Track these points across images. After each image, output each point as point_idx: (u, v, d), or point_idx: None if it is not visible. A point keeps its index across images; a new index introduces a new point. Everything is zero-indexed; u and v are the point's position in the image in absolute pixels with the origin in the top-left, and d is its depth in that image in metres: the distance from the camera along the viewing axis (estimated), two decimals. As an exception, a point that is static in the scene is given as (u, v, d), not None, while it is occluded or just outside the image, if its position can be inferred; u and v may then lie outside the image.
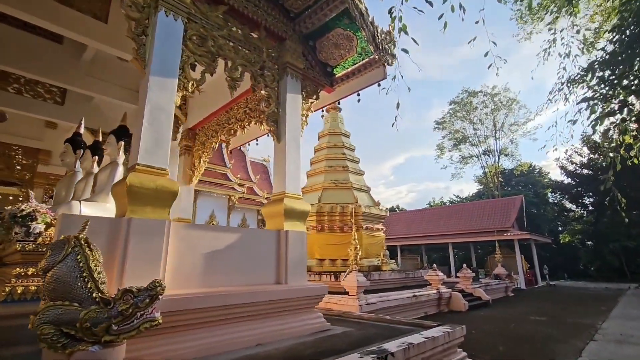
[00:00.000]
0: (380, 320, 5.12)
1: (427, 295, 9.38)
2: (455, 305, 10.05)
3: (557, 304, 11.92)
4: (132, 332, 2.33)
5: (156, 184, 3.28)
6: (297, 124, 5.25)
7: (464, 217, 22.86)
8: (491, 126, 35.51)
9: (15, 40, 7.10)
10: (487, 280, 14.65)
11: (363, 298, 7.24)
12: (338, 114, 16.97)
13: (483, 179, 38.41)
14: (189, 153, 8.14)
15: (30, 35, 7.71)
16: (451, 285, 12.69)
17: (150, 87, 3.57)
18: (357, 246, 8.10)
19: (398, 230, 26.11)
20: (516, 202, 21.60)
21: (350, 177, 15.00)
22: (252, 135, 8.57)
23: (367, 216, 13.91)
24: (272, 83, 5.13)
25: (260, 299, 3.88)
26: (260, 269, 4.27)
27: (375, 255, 13.54)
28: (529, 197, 31.44)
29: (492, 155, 36.50)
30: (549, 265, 27.78)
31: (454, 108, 36.95)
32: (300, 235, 4.70)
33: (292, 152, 5.03)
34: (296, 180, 5.01)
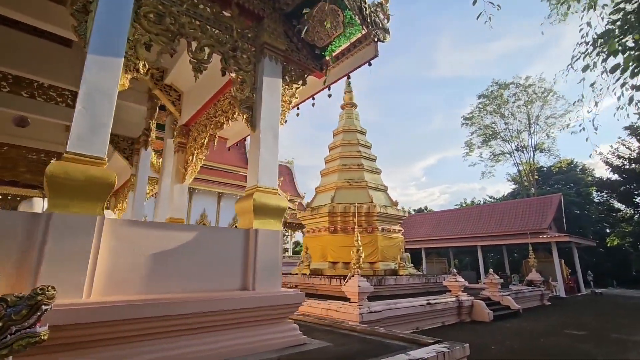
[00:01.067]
0: (372, 333, 4.44)
1: (445, 303, 8.47)
2: (478, 314, 9.04)
3: (600, 315, 10.47)
4: (3, 350, 1.86)
5: (87, 174, 2.85)
6: (276, 111, 4.71)
7: (495, 218, 21.22)
8: (525, 120, 32.93)
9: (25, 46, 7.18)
10: (518, 287, 13.29)
11: (366, 305, 6.54)
12: (353, 111, 16.29)
13: (517, 178, 35.76)
14: (183, 150, 7.85)
15: (40, 40, 7.81)
16: (477, 292, 11.59)
17: (88, 66, 3.18)
18: (359, 248, 7.41)
19: (423, 232, 24.81)
20: (553, 201, 19.70)
21: (366, 175, 14.25)
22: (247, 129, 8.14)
23: (383, 217, 13.10)
24: (247, 66, 4.62)
25: (217, 308, 3.37)
26: (223, 273, 3.76)
27: (392, 258, 12.70)
28: (571, 197, 28.88)
29: (526, 152, 33.87)
30: (595, 271, 25.23)
31: (483, 102, 34.77)
32: (273, 235, 4.15)
33: (267, 141, 4.50)
34: (271, 173, 4.46)
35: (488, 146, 35.14)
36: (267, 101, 4.60)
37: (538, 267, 19.75)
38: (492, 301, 10.60)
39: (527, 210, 20.12)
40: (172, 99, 7.91)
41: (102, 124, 3.12)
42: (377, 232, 12.79)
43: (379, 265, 12.27)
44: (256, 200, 4.09)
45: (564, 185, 32.06)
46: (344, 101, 16.50)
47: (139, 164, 11.25)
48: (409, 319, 7.53)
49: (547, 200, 19.91)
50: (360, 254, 7.35)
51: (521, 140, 33.57)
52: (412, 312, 7.53)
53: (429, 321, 8.07)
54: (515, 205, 21.25)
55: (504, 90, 32.50)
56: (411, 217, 28.28)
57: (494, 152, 35.80)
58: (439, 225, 24.18)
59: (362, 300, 6.70)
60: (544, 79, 30.76)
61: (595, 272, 25.48)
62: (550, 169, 34.07)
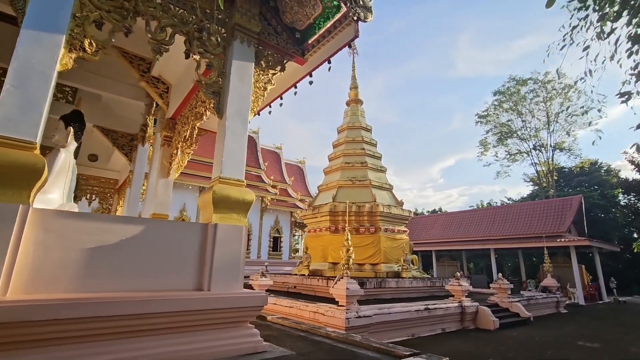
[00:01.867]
0: (345, 341, 4.04)
1: (445, 308, 7.92)
2: (482, 322, 8.43)
3: (620, 326, 9.63)
4: None
5: (10, 159, 2.58)
6: (246, 97, 4.37)
7: (510, 220, 20.23)
8: (543, 118, 31.26)
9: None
10: (531, 293, 12.49)
11: (354, 309, 6.11)
12: (359, 107, 15.82)
13: (536, 179, 34.11)
14: (169, 144, 7.64)
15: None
16: (486, 297, 10.92)
17: (22, 41, 2.92)
18: (349, 248, 6.97)
19: (434, 233, 23.99)
20: (573, 202, 18.57)
21: (369, 174, 13.76)
22: None
23: (387, 216, 12.59)
24: (216, 49, 4.31)
25: (161, 309, 3.06)
26: (175, 271, 3.44)
27: (396, 260, 12.17)
28: (594, 199, 27.35)
29: (545, 151, 32.16)
30: (619, 278, 23.71)
31: (499, 99, 33.32)
32: (235, 231, 3.80)
33: (234, 129, 4.17)
34: (237, 163, 4.12)
35: (504, 145, 33.67)
36: (235, 86, 4.27)
37: (556, 272, 18.69)
38: (501, 307, 9.94)
39: (545, 212, 19.06)
40: (160, 91, 7.70)
41: (35, 105, 2.85)
42: (380, 232, 12.30)
43: (381, 267, 11.77)
44: (216, 193, 3.76)
45: (587, 187, 30.41)
46: (349, 97, 16.05)
47: (136, 160, 11.17)
48: (403, 325, 7.05)
49: (567, 202, 18.79)
50: (350, 254, 6.93)
51: (539, 139, 31.97)
52: (407, 317, 7.03)
53: (427, 327, 7.56)
54: (532, 207, 20.18)
55: (522, 87, 31.03)
56: (422, 218, 27.50)
57: (510, 151, 34.32)
58: (450, 227, 23.32)
59: (350, 303, 6.28)
60: (564, 74, 29.21)
61: (619, 279, 23.97)
62: (572, 170, 32.40)
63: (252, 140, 37.76)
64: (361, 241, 12.21)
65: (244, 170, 4.13)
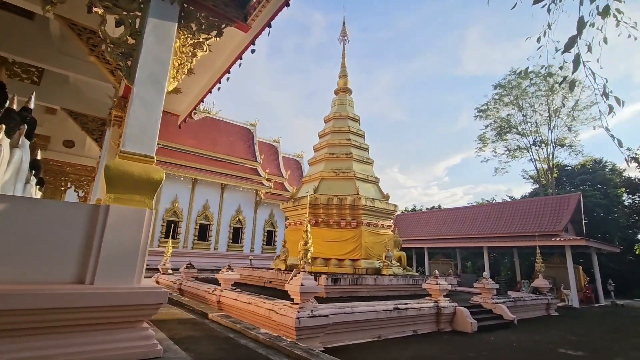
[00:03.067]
0: (272, 345, 3.51)
1: (418, 308, 7.32)
2: (459, 324, 7.83)
3: (612, 331, 8.98)
4: None
5: None
6: (163, 61, 3.77)
7: (505, 218, 19.51)
8: (544, 112, 30.10)
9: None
10: (518, 294, 11.85)
11: (309, 308, 5.55)
12: (347, 97, 15.15)
13: (536, 176, 33.05)
14: (119, 125, 7.10)
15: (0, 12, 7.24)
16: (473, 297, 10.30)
17: None
18: (307, 241, 6.39)
19: (427, 230, 23.32)
20: (571, 201, 17.79)
21: (354, 165, 13.13)
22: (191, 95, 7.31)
23: (370, 210, 11.98)
24: (130, 4, 3.71)
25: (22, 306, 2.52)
26: (50, 259, 2.87)
27: (378, 256, 11.57)
28: (596, 198, 26.45)
29: (545, 147, 31.02)
30: (620, 281, 22.92)
31: (499, 92, 32.19)
32: (134, 215, 3.24)
33: (145, 96, 3.59)
34: (147, 135, 3.54)
35: (503, 140, 32.60)
36: (151, 49, 3.67)
37: (552, 273, 17.99)
38: (484, 309, 9.33)
39: (542, 210, 18.31)
40: (112, 67, 7.10)
41: None
42: (363, 226, 11.70)
43: (361, 264, 11.19)
44: (110, 169, 3.19)
45: (590, 185, 29.45)
46: (338, 86, 15.38)
47: (104, 145, 10.65)
48: (369, 326, 6.47)
49: (564, 200, 18.01)
50: (308, 247, 6.34)
51: (540, 135, 30.83)
52: (373, 317, 6.46)
53: (396, 329, 6.98)
54: (528, 205, 19.42)
55: (523, 80, 29.95)
56: (417, 215, 26.82)
57: (509, 146, 33.30)
58: (444, 224, 22.63)
59: (306, 301, 5.72)
60: (568, 67, 27.97)
61: (621, 281, 23.18)
62: (575, 168, 31.40)
63: (249, 133, 37.25)
64: (341, 235, 11.65)
65: (154, 144, 3.55)
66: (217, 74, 5.98)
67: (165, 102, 8.20)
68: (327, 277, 8.91)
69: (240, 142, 35.90)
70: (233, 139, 35.19)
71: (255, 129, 37.89)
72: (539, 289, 12.05)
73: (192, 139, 30.74)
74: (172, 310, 5.94)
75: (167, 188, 26.62)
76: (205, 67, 5.94)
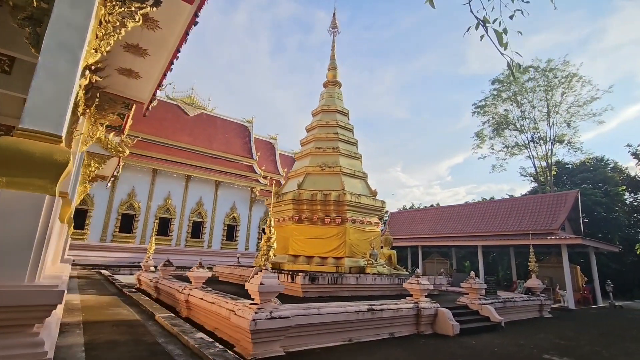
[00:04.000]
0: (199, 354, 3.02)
1: (396, 310, 6.86)
2: (441, 326, 7.36)
3: (607, 334, 8.48)
4: None
5: None
6: (79, 29, 3.31)
7: (501, 216, 18.97)
8: (543, 108, 29.35)
9: None
10: (508, 294, 11.35)
11: (268, 309, 5.11)
12: (336, 90, 14.66)
13: (535, 174, 32.31)
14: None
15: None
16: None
17: None
18: (270, 237, 5.93)
19: (421, 229, 22.81)
20: (568, 198, 17.23)
21: (341, 160, 12.66)
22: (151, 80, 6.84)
23: (356, 206, 11.52)
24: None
25: None
26: None
27: (363, 254, 11.11)
28: (596, 197, 25.81)
29: (544, 144, 30.32)
30: (621, 281, 22.35)
31: (497, 88, 31.47)
32: (30, 202, 2.78)
33: (53, 66, 3.14)
34: (54, 111, 3.09)
35: (501, 137, 31.87)
36: (63, 14, 3.21)
37: (548, 273, 17.47)
38: (470, 310, 8.85)
39: (538, 208, 17.75)
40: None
41: None
42: (347, 223, 11.24)
43: (345, 262, 10.74)
44: (3, 147, 2.75)
45: (591, 183, 28.77)
46: (327, 78, 14.90)
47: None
48: (339, 328, 6.02)
49: (561, 198, 17.44)
50: (270, 243, 5.88)
51: (538, 131, 30.12)
52: (344, 319, 6.01)
53: (370, 331, 6.52)
54: (525, 203, 18.86)
55: (522, 75, 29.27)
56: (412, 212, 26.29)
57: (508, 143, 32.56)
58: (439, 222, 22.11)
59: (266, 302, 5.27)
60: (567, 62, 27.29)
61: (621, 282, 22.59)
62: (576, 166, 30.70)
63: (245, 130, 36.87)
64: (325, 232, 11.20)
65: (63, 122, 3.09)
66: (171, 54, 5.53)
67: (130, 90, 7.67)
68: (305, 275, 8.46)
69: (237, 139, 35.50)
70: (229, 135, 34.79)
71: (252, 125, 37.50)
72: (532, 290, 11.55)
73: (187, 135, 30.42)
74: (122, 310, 5.52)
75: (159, 185, 26.32)
76: (159, 47, 5.50)
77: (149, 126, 28.39)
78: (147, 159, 25.87)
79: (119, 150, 11.45)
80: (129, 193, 25.36)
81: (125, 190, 25.30)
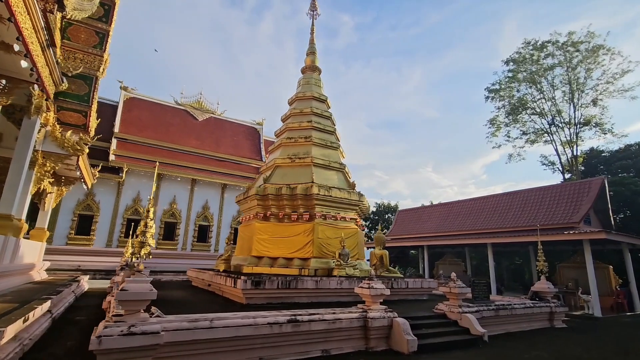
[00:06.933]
0: None
1: (332, 320, 5.52)
2: (396, 341, 5.91)
3: (628, 353, 6.58)
4: None
5: None
6: None
7: (514, 210, 16.74)
8: (565, 87, 25.92)
9: None
10: (507, 300, 9.48)
11: (130, 321, 4.01)
12: (313, 75, 13.43)
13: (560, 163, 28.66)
14: None
15: None
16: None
17: None
18: (144, 230, 4.79)
19: (428, 227, 20.84)
20: (592, 186, 14.76)
21: (314, 150, 11.38)
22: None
23: (326, 200, 10.20)
24: None
25: None
26: None
27: (333, 254, 9.75)
28: (637, 186, 22.53)
29: (568, 128, 26.96)
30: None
31: (513, 69, 28.34)
32: None
33: None
34: None
35: (518, 122, 28.56)
36: None
37: (574, 274, 15.13)
38: (448, 320, 7.26)
39: (556, 199, 15.41)
40: None
41: None
42: (317, 219, 9.95)
43: (311, 263, 9.43)
44: None
45: (634, 172, 25.22)
46: (305, 64, 13.70)
47: (19, 137, 9.70)
48: (244, 345, 4.79)
49: (584, 186, 14.98)
50: (144, 240, 4.75)
51: (561, 115, 26.49)
52: (250, 334, 4.77)
53: (295, 349, 5.23)
54: (541, 194, 16.46)
55: (539, 52, 26.09)
56: (419, 210, 24.20)
57: (526, 130, 29.28)
58: (447, 219, 20.05)
59: (134, 313, 4.18)
60: (592, 33, 23.73)
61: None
62: (612, 153, 27.11)
63: (255, 132, 36.44)
64: (292, 230, 9.95)
65: None
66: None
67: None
68: (246, 279, 7.28)
69: (246, 141, 35.11)
70: (238, 138, 34.47)
71: (261, 127, 37.01)
72: (540, 294, 9.64)
73: (194, 139, 30.35)
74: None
75: (164, 189, 26.25)
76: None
77: (156, 132, 28.63)
78: (151, 164, 25.90)
79: (77, 148, 10.91)
80: (134, 198, 25.43)
81: (131, 195, 25.41)
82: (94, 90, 11.33)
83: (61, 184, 13.56)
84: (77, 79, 11.00)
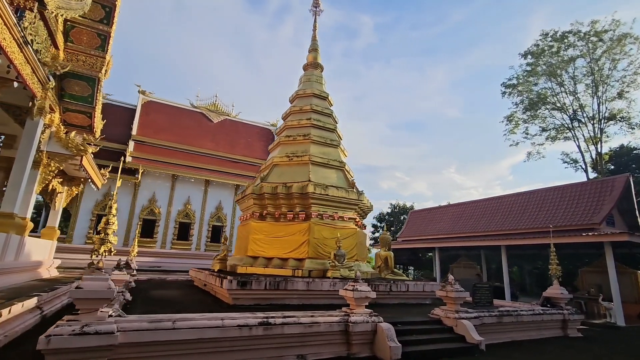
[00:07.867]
0: None
1: (309, 324, 5.22)
2: (380, 347, 5.53)
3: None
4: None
5: None
6: None
7: (530, 211, 15.77)
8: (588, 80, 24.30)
9: None
10: (512, 305, 8.82)
11: (85, 321, 3.88)
12: (314, 73, 13.19)
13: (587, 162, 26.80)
14: None
15: None
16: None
17: None
18: (100, 230, 4.63)
19: (440, 228, 20.06)
20: (615, 184, 13.63)
21: (312, 148, 11.12)
22: None
23: (322, 199, 9.92)
24: None
25: None
26: None
27: (329, 255, 9.44)
28: (672, 186, 20.80)
29: (592, 123, 25.14)
30: None
31: (532, 63, 26.76)
32: None
33: None
34: None
35: (537, 118, 26.94)
36: None
37: (598, 279, 14.09)
38: (443, 326, 6.79)
39: (576, 198, 14.37)
40: None
41: None
42: (313, 219, 9.67)
43: (305, 264, 9.15)
44: None
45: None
46: (307, 61, 13.47)
47: (22, 137, 9.99)
48: (210, 348, 4.58)
49: (606, 185, 13.87)
50: (104, 237, 4.60)
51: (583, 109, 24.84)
52: (217, 336, 4.56)
53: (267, 353, 4.96)
54: (560, 193, 15.41)
55: (559, 43, 24.49)
56: (430, 211, 23.36)
57: (545, 125, 27.61)
58: (459, 221, 19.22)
59: (91, 312, 4.05)
60: (618, 22, 21.99)
61: None
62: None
63: (269, 133, 36.65)
64: (288, 230, 9.72)
65: None
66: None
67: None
68: (232, 279, 7.10)
69: (259, 142, 35.36)
70: (251, 139, 34.80)
71: (275, 128, 37.20)
72: (553, 300, 8.93)
73: (210, 141, 30.85)
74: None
75: (179, 190, 26.76)
76: None
77: (172, 134, 29.29)
78: (166, 165, 26.48)
79: (80, 149, 11.15)
80: (150, 199, 26.03)
81: (146, 196, 26.03)
82: (97, 91, 11.56)
83: (71, 184, 13.94)
84: (80, 81, 11.27)
